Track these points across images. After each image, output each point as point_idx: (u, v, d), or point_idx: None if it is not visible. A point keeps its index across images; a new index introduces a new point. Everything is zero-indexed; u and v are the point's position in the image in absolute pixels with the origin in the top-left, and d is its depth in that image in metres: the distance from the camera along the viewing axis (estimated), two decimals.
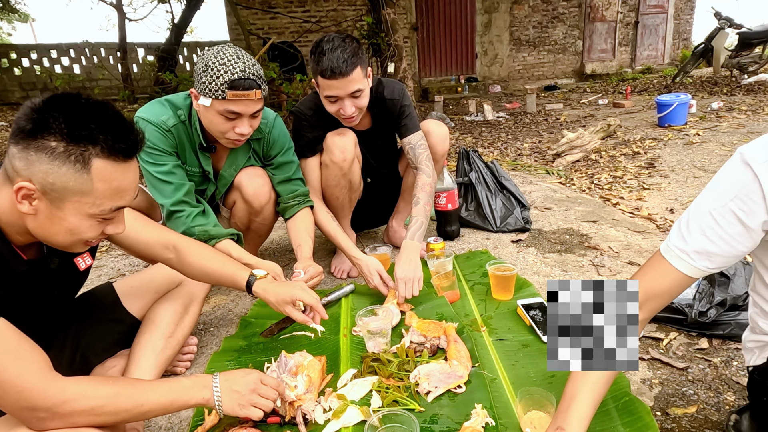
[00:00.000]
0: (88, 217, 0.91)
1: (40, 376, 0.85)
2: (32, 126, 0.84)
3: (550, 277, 1.93)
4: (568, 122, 6.15)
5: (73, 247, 0.97)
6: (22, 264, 0.98)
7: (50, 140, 0.84)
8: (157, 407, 0.96)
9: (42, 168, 0.85)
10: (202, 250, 1.35)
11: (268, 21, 9.11)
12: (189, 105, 1.63)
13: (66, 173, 0.86)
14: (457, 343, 1.38)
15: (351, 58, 1.62)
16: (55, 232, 0.92)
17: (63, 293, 1.18)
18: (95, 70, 10.06)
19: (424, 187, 1.86)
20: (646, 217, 2.67)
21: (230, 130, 1.54)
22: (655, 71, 10.89)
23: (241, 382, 1.06)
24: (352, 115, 1.74)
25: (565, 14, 10.65)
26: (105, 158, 0.88)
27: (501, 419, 1.16)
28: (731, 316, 1.48)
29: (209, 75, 1.46)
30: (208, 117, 1.53)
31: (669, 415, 1.22)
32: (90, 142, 0.86)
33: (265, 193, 1.80)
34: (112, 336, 1.34)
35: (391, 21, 5.93)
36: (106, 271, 2.34)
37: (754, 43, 7.30)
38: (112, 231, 0.98)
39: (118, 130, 0.90)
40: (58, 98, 0.87)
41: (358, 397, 1.25)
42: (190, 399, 1.01)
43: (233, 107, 1.49)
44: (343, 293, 1.82)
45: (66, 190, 0.87)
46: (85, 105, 0.88)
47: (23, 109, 0.86)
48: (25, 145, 0.85)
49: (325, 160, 1.88)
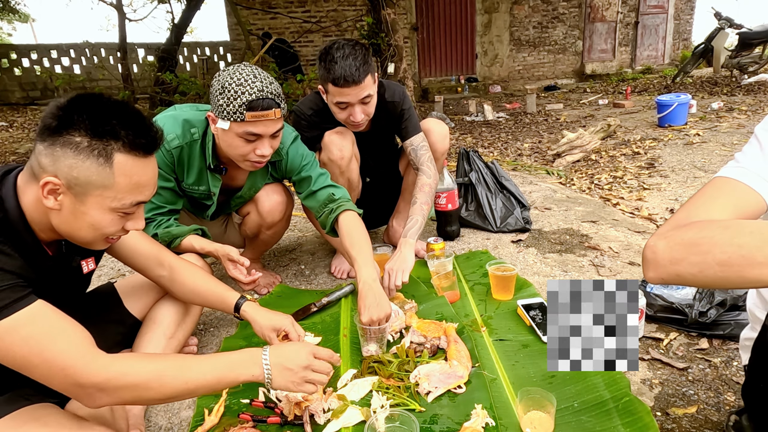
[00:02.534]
0: (110, 211, 0.94)
1: (83, 354, 0.87)
2: (58, 123, 0.88)
3: (550, 277, 1.93)
4: (568, 122, 6.15)
5: (95, 242, 0.99)
6: (48, 260, 1.01)
7: (75, 136, 0.88)
8: (205, 384, 0.96)
9: (67, 163, 0.88)
10: (195, 272, 1.36)
11: (268, 21, 9.11)
12: (206, 124, 1.59)
13: (90, 167, 0.89)
14: (457, 344, 1.38)
15: (363, 66, 1.64)
16: (79, 227, 0.95)
17: (73, 294, 1.18)
18: (95, 70, 10.06)
19: (423, 187, 1.87)
20: (646, 218, 2.67)
21: (251, 152, 1.50)
22: (655, 71, 10.89)
23: (293, 359, 1.05)
24: (361, 121, 1.75)
25: (565, 14, 10.65)
26: (126, 153, 0.92)
27: (501, 419, 1.16)
28: (731, 316, 1.48)
29: (226, 97, 1.42)
30: (227, 140, 1.49)
31: (669, 416, 1.22)
32: (112, 137, 0.90)
33: (281, 211, 1.81)
34: (113, 336, 1.34)
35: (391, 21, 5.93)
36: (106, 271, 2.34)
37: (754, 43, 7.30)
38: (132, 227, 1.01)
39: (138, 126, 0.93)
40: (82, 97, 0.91)
41: (358, 397, 1.26)
42: (239, 376, 1.00)
43: (253, 129, 1.44)
44: (343, 293, 1.82)
45: (89, 184, 0.90)
46: (107, 103, 0.93)
47: (49, 108, 0.90)
48: (52, 141, 0.88)
49: (323, 159, 1.88)
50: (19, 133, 7.59)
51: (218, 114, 1.46)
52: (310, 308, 1.73)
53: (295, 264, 2.25)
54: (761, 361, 0.89)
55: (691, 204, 0.81)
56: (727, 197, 0.79)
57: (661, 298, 1.59)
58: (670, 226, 0.78)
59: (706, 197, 0.81)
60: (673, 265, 0.72)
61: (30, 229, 0.95)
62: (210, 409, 1.26)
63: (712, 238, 0.69)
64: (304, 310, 1.73)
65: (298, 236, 2.63)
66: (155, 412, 1.34)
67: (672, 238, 0.74)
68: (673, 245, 0.73)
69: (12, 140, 7.07)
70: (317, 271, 2.16)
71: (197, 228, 1.61)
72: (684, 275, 0.71)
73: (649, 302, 1.60)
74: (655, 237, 0.76)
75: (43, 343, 0.84)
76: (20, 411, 0.93)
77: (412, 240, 1.77)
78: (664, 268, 0.73)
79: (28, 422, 0.91)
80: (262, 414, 1.23)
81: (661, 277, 0.75)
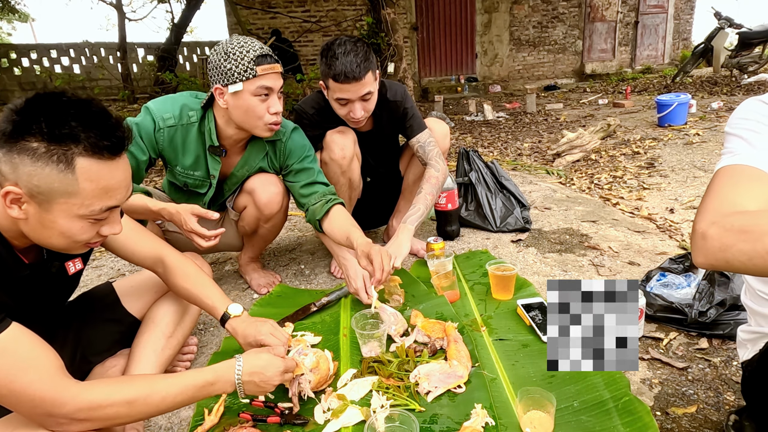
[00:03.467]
0: (79, 218, 0.89)
1: (53, 385, 0.84)
2: (12, 128, 0.82)
3: (550, 277, 1.93)
4: (568, 122, 6.15)
5: (71, 249, 0.96)
6: (24, 268, 0.98)
7: (31, 141, 0.82)
8: (177, 404, 0.99)
9: (26, 170, 0.83)
10: (189, 273, 1.31)
11: (268, 21, 9.10)
12: (203, 111, 1.62)
13: (50, 174, 0.83)
14: (458, 343, 1.38)
15: (364, 63, 1.65)
16: (49, 236, 0.90)
17: (56, 297, 1.17)
18: (95, 70, 10.06)
19: (429, 179, 1.87)
20: (646, 217, 2.67)
21: (266, 112, 1.55)
22: (655, 71, 10.89)
23: (265, 378, 1.10)
24: (361, 118, 1.75)
25: (565, 14, 10.65)
26: (89, 156, 0.85)
27: (501, 419, 1.16)
28: (731, 316, 1.48)
29: (233, 60, 1.48)
30: (242, 105, 1.54)
31: (669, 415, 1.22)
32: (72, 140, 0.84)
33: (278, 202, 1.80)
34: (112, 336, 1.34)
35: (391, 21, 5.93)
36: (105, 270, 2.34)
37: (754, 43, 7.30)
38: (108, 232, 0.96)
39: (102, 127, 0.87)
40: (39, 98, 0.85)
41: (358, 397, 1.25)
42: (210, 394, 1.04)
43: (266, 82, 1.51)
44: (343, 293, 1.82)
45: (52, 191, 0.85)
46: (66, 103, 0.86)
47: (5, 111, 0.84)
48: (8, 148, 0.83)
49: (325, 158, 1.88)
50: None
51: (228, 80, 1.51)
52: (310, 308, 1.73)
53: (295, 264, 2.25)
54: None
55: (721, 191, 0.81)
56: (755, 182, 0.79)
57: (661, 297, 1.59)
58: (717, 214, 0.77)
59: (734, 184, 0.81)
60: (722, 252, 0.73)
61: (2, 238, 0.92)
62: (210, 409, 1.26)
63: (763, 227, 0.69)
64: (304, 310, 1.73)
65: (298, 236, 2.63)
66: None
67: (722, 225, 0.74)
68: (722, 232, 0.73)
69: None
70: (317, 271, 2.16)
71: (144, 189, 1.61)
72: (733, 262, 0.72)
73: (649, 302, 1.60)
74: (704, 223, 0.76)
75: (12, 374, 0.81)
76: (13, 414, 0.92)
77: (411, 227, 1.75)
78: (714, 254, 0.74)
79: (20, 427, 0.90)
80: (262, 413, 1.23)
81: (710, 263, 0.76)
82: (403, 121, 1.94)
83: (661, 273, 1.72)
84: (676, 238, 2.31)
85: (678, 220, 2.58)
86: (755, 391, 0.98)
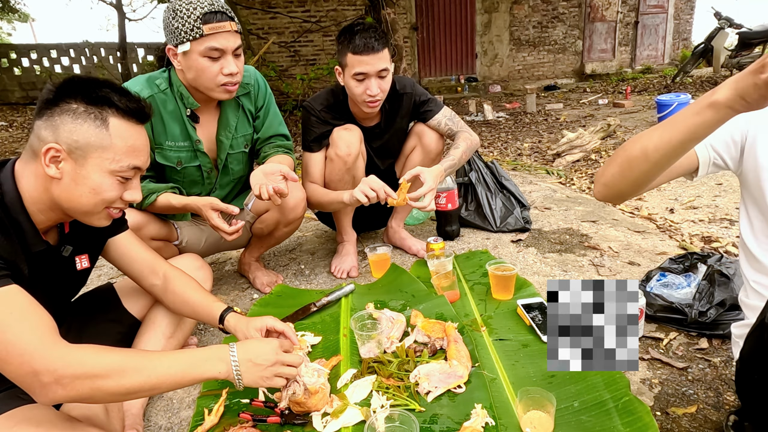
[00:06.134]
0: (109, 174, 0.99)
1: (43, 340, 0.86)
2: (54, 95, 0.95)
3: (550, 277, 1.93)
4: (568, 122, 6.15)
5: (95, 212, 1.01)
6: (41, 243, 1.02)
7: (72, 103, 0.95)
8: (167, 380, 0.94)
9: (66, 128, 0.94)
10: (188, 282, 1.32)
11: (268, 21, 9.10)
12: (167, 76, 1.59)
13: (88, 130, 0.95)
14: (458, 343, 1.38)
15: (381, 39, 1.73)
16: (80, 194, 0.98)
17: (62, 289, 1.18)
18: (95, 70, 10.06)
19: (465, 139, 1.96)
20: (646, 217, 2.67)
21: (218, 73, 1.48)
22: (655, 71, 10.88)
23: (261, 354, 1.04)
24: (377, 97, 1.78)
25: (565, 14, 10.64)
26: (120, 117, 0.99)
27: (501, 419, 1.16)
28: (731, 316, 1.48)
29: (180, 19, 1.42)
30: (193, 67, 1.47)
31: (669, 415, 1.23)
32: (107, 103, 0.97)
33: (303, 207, 1.84)
34: (112, 336, 1.34)
35: (391, 21, 5.93)
36: (106, 271, 2.34)
37: (754, 43, 7.30)
38: (130, 197, 1.04)
39: (130, 96, 1.01)
40: (75, 77, 0.99)
41: (359, 398, 1.26)
42: (204, 372, 0.98)
43: (213, 42, 1.44)
44: (343, 293, 1.82)
45: (89, 146, 0.96)
46: (99, 80, 1.01)
47: (44, 89, 0.97)
48: (50, 113, 0.95)
49: (330, 154, 1.89)
50: (19, 132, 7.58)
51: (176, 40, 1.45)
52: (310, 308, 1.73)
53: (295, 264, 2.25)
54: (755, 351, 0.89)
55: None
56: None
57: (661, 297, 1.59)
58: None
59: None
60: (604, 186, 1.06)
61: (26, 212, 0.98)
62: (210, 408, 1.26)
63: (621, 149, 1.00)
64: (304, 310, 1.73)
65: (298, 236, 2.63)
66: (155, 412, 1.35)
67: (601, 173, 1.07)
68: (600, 174, 1.07)
69: (12, 140, 7.07)
70: (317, 270, 2.16)
71: (173, 186, 1.60)
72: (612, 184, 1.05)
73: (649, 302, 1.60)
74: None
75: (5, 322, 0.84)
76: (14, 411, 0.93)
77: (442, 167, 1.83)
78: (600, 193, 1.08)
79: (21, 422, 0.91)
80: (262, 413, 1.23)
81: (603, 196, 1.09)
82: (419, 107, 2.00)
83: (661, 273, 1.72)
84: (676, 238, 2.31)
85: (678, 220, 2.58)
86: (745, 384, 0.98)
